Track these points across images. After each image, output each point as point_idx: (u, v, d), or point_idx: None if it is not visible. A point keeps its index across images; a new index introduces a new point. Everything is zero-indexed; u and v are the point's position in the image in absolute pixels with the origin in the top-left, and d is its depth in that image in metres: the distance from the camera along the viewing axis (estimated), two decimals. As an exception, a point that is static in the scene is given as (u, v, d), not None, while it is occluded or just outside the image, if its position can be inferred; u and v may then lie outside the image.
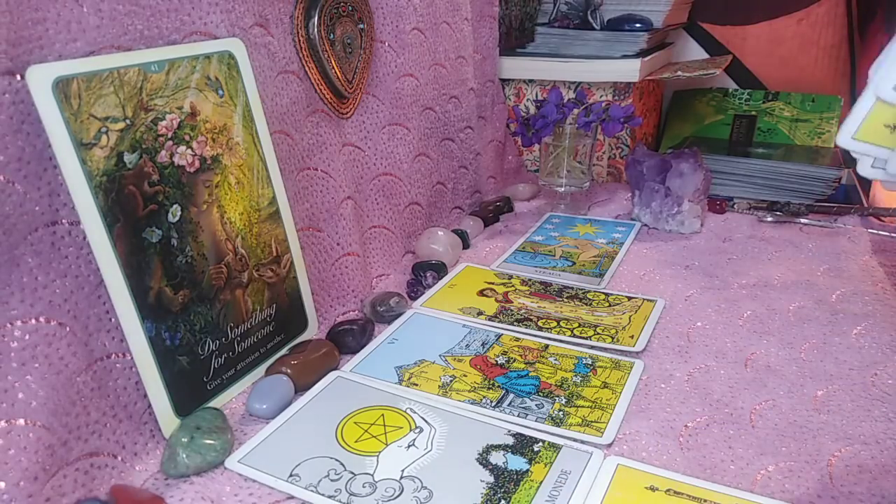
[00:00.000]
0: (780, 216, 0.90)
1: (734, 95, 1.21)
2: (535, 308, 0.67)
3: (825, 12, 1.16)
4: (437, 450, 0.47)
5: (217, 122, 0.51)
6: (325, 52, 0.65)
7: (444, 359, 0.58)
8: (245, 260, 0.53)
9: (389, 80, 0.76)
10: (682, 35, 1.23)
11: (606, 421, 0.50)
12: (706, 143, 1.14)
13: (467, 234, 0.83)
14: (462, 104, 0.90)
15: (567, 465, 0.45)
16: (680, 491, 0.43)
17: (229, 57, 0.52)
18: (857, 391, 0.54)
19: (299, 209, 0.62)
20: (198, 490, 0.43)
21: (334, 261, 0.66)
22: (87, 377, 0.42)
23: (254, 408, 0.50)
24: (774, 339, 0.61)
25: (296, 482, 0.43)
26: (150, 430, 0.46)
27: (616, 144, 1.06)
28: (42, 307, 0.40)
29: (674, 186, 0.85)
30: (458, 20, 0.89)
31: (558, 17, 1.08)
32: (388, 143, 0.76)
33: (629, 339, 0.61)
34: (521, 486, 0.43)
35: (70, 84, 0.41)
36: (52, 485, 0.38)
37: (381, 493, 0.42)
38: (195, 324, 0.49)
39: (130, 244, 0.44)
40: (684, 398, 0.53)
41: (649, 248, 0.83)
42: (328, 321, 0.64)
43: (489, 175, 0.99)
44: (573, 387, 0.54)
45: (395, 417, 0.50)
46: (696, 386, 0.55)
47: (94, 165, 0.42)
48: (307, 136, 0.64)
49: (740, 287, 0.72)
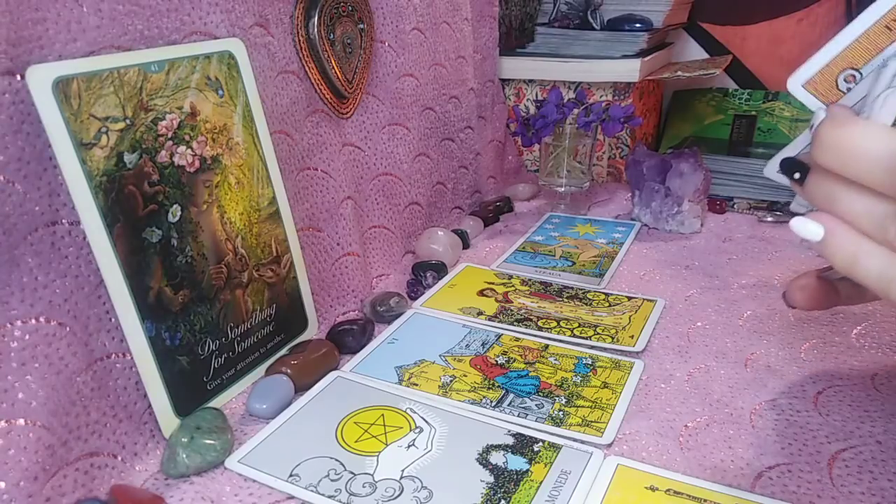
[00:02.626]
0: (780, 216, 0.90)
1: (734, 95, 1.21)
2: (535, 308, 0.67)
3: (825, 12, 1.16)
4: (437, 450, 0.47)
5: (217, 122, 0.51)
6: (325, 52, 0.65)
7: (444, 359, 0.58)
8: (245, 260, 0.53)
9: (389, 80, 0.76)
10: (682, 35, 1.23)
11: (606, 421, 0.50)
12: (706, 143, 1.14)
13: (467, 234, 0.83)
14: (462, 104, 0.90)
15: (567, 465, 0.45)
16: (680, 491, 0.43)
17: (229, 57, 0.52)
18: (857, 391, 0.54)
19: (299, 209, 0.62)
20: (198, 490, 0.43)
21: (334, 261, 0.66)
22: (87, 377, 0.42)
23: (254, 408, 0.50)
24: (774, 339, 0.61)
25: (296, 482, 0.43)
26: (150, 430, 0.46)
27: (616, 144, 1.06)
28: (42, 307, 0.40)
29: (674, 186, 0.85)
30: (458, 20, 0.89)
31: (558, 17, 1.08)
32: (388, 143, 0.76)
33: (629, 338, 0.61)
34: (521, 486, 0.43)
35: (70, 84, 0.41)
36: (52, 485, 0.38)
37: (382, 493, 0.42)
38: (195, 324, 0.49)
39: (130, 244, 0.44)
40: (684, 398, 0.53)
41: (649, 248, 0.83)
42: (328, 321, 0.64)
43: (489, 175, 0.99)
44: (573, 387, 0.54)
45: (394, 417, 0.50)
46: (696, 386, 0.55)
47: (94, 165, 0.42)
48: (307, 136, 0.64)
49: (740, 287, 0.72)
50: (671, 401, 0.53)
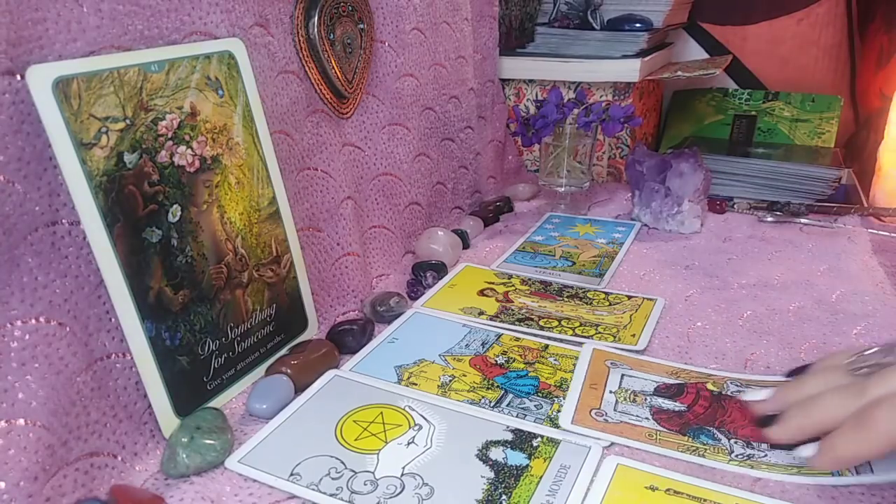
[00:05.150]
0: (780, 216, 0.90)
1: (734, 95, 1.21)
2: (536, 308, 0.67)
3: (825, 12, 1.16)
4: (436, 446, 0.47)
5: (217, 122, 0.51)
6: (325, 52, 0.65)
7: (443, 358, 0.58)
8: (245, 260, 0.53)
9: (389, 80, 0.76)
10: (682, 35, 1.23)
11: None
12: (706, 143, 1.14)
13: (467, 234, 0.83)
14: (462, 104, 0.90)
15: (566, 459, 0.45)
16: (680, 491, 0.43)
17: (229, 57, 0.52)
18: (857, 391, 0.54)
19: (299, 209, 0.62)
20: (198, 490, 0.43)
21: (334, 261, 0.66)
22: (87, 377, 0.42)
23: (254, 408, 0.50)
24: (774, 339, 0.61)
25: (297, 481, 0.43)
26: (150, 430, 0.46)
27: (616, 144, 1.06)
28: (42, 307, 0.40)
29: (674, 186, 0.85)
30: (458, 20, 0.89)
31: (558, 17, 1.08)
32: (388, 143, 0.76)
33: (631, 337, 0.61)
34: (522, 480, 0.43)
35: (70, 84, 0.41)
36: (52, 485, 0.38)
37: (383, 491, 0.42)
38: (195, 324, 0.49)
39: (130, 244, 0.44)
40: (684, 398, 0.53)
41: (649, 248, 0.83)
42: (328, 321, 0.64)
43: (489, 175, 0.99)
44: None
45: (393, 415, 0.50)
46: (696, 386, 0.55)
47: (94, 165, 0.42)
48: (307, 136, 0.64)
49: (740, 287, 0.72)
50: (671, 400, 0.53)
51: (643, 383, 0.53)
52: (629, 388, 0.53)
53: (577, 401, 0.51)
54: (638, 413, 0.50)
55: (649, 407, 0.51)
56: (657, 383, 0.53)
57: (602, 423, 0.49)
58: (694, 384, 0.53)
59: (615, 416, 0.50)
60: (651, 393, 0.52)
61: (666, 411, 0.50)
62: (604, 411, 0.50)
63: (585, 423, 0.49)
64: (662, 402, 0.51)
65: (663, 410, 0.50)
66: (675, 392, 0.52)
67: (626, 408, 0.51)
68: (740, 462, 0.45)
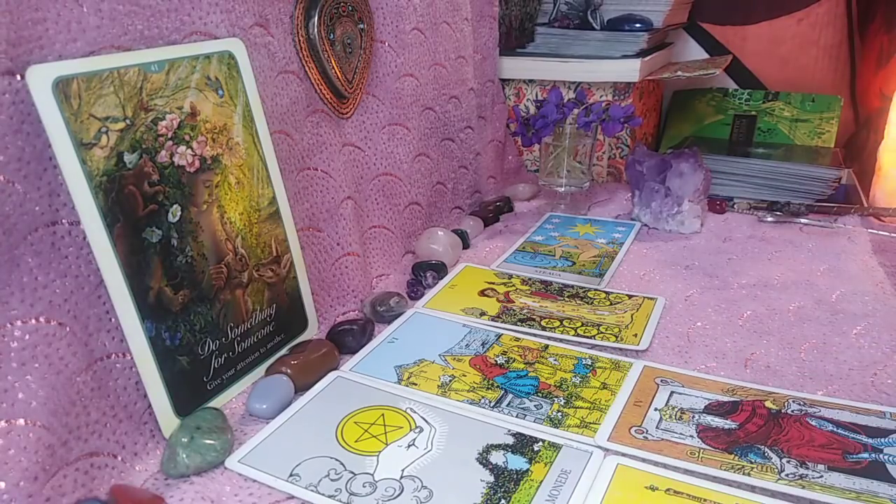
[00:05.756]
0: (780, 216, 0.90)
1: (734, 95, 1.21)
2: (537, 308, 0.67)
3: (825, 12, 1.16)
4: (437, 449, 0.47)
5: (217, 122, 0.51)
6: (325, 52, 0.65)
7: (443, 358, 0.58)
8: (245, 260, 0.53)
9: (389, 80, 0.76)
10: (682, 35, 1.23)
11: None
12: (706, 143, 1.14)
13: (467, 234, 0.83)
14: (462, 104, 0.90)
15: (567, 464, 0.45)
16: (680, 491, 0.43)
17: (229, 57, 0.52)
18: (857, 391, 0.54)
19: (299, 209, 0.62)
20: (198, 490, 0.43)
21: (334, 261, 0.66)
22: (87, 377, 0.42)
23: (254, 408, 0.50)
24: (774, 339, 0.61)
25: (296, 482, 0.43)
26: (150, 430, 0.46)
27: (616, 144, 1.06)
28: (42, 307, 0.40)
29: (674, 186, 0.85)
30: (458, 20, 0.89)
31: (558, 17, 1.08)
32: (388, 143, 0.76)
33: (632, 336, 0.61)
34: (522, 485, 0.43)
35: (70, 84, 0.41)
36: (52, 485, 0.38)
37: (382, 493, 0.42)
38: (195, 324, 0.49)
39: (130, 244, 0.44)
40: (684, 398, 0.53)
41: (649, 248, 0.83)
42: (328, 321, 0.64)
43: (489, 175, 0.99)
44: (572, 387, 0.54)
45: (395, 417, 0.50)
46: (696, 386, 0.55)
47: (94, 165, 0.42)
48: (307, 136, 0.64)
49: (740, 287, 0.72)
50: (671, 401, 0.53)
51: (693, 401, 0.52)
52: (677, 406, 0.51)
53: (617, 417, 0.50)
54: (682, 431, 0.49)
55: (696, 425, 0.49)
56: (709, 400, 0.52)
57: (641, 441, 0.47)
58: (750, 402, 0.51)
59: (656, 433, 0.48)
60: (700, 410, 0.51)
61: (714, 429, 0.49)
62: (644, 429, 0.49)
63: (623, 440, 0.48)
64: (712, 420, 0.50)
65: (711, 428, 0.49)
66: (729, 409, 0.51)
67: (669, 425, 0.49)
68: (790, 482, 0.43)
